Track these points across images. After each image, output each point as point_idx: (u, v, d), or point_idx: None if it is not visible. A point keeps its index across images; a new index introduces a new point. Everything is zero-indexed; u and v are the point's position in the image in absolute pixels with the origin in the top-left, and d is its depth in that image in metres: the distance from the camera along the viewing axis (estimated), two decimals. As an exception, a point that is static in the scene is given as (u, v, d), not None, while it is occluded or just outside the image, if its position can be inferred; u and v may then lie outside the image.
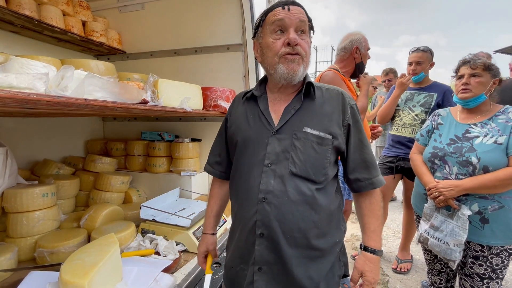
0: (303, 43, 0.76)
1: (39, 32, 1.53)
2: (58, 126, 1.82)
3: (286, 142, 0.77)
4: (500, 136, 1.15)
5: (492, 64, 1.22)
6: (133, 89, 0.95)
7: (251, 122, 0.83)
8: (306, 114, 0.78)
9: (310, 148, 0.76)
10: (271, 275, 0.76)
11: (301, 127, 0.77)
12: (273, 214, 0.75)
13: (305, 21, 0.77)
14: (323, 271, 0.78)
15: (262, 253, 0.76)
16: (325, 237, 0.78)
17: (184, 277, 1.06)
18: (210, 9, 1.82)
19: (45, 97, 0.60)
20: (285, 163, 0.75)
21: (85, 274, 0.76)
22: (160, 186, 1.80)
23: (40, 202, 1.21)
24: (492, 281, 1.19)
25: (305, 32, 0.77)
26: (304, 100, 0.80)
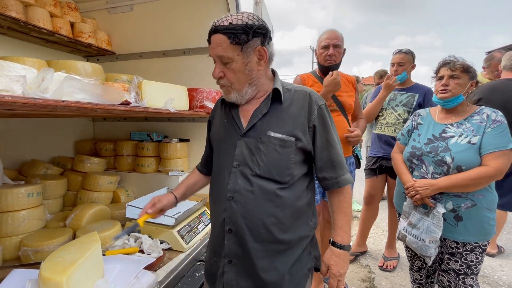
0: (227, 72, 0.80)
1: (26, 34, 1.54)
2: (47, 127, 1.83)
3: (252, 145, 0.82)
4: (474, 136, 1.19)
5: (471, 66, 1.26)
6: (114, 90, 0.97)
7: (225, 125, 0.89)
8: (271, 118, 0.82)
9: (273, 150, 0.80)
10: (240, 267, 0.82)
11: (266, 131, 0.81)
12: (239, 211, 0.81)
13: (224, 52, 0.77)
14: (289, 263, 0.83)
15: (230, 247, 0.82)
16: (290, 232, 0.82)
17: (166, 274, 1.08)
18: (198, 11, 1.84)
19: (21, 99, 0.62)
20: (251, 165, 0.81)
21: (64, 271, 0.78)
22: (148, 186, 1.82)
23: (25, 201, 1.22)
24: (468, 276, 1.23)
25: (228, 59, 0.77)
26: (271, 105, 0.84)
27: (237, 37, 0.75)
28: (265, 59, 0.81)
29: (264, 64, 0.82)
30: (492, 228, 1.20)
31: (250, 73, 0.80)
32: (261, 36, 0.78)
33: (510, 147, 1.14)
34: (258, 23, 0.78)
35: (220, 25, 0.77)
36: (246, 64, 0.79)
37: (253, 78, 0.82)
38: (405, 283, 2.00)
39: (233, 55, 0.77)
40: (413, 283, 1.56)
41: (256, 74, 0.82)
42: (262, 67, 0.82)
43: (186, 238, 1.30)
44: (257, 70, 0.81)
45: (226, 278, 0.82)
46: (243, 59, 0.78)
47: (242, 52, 0.77)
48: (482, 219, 1.18)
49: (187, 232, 1.34)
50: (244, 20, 0.77)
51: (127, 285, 0.94)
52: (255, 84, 0.83)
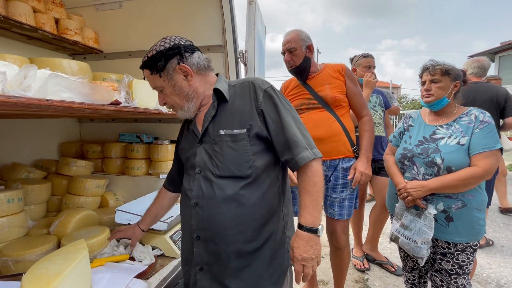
0: (165, 97, 0.88)
1: (6, 29, 1.46)
2: (29, 128, 1.74)
3: (209, 149, 0.85)
4: (463, 137, 1.21)
5: (451, 68, 1.28)
6: (103, 89, 0.92)
7: (187, 138, 0.95)
8: (221, 118, 0.86)
9: (227, 148, 0.83)
10: (213, 274, 0.83)
11: (217, 131, 0.85)
12: (205, 217, 0.83)
13: (153, 84, 0.87)
14: (265, 260, 0.83)
15: (200, 255, 0.84)
16: (264, 227, 0.83)
17: (159, 283, 1.03)
18: (190, 10, 1.80)
19: (0, 98, 0.56)
20: (211, 168, 0.84)
21: (48, 284, 0.72)
22: (138, 189, 1.75)
23: (5, 208, 1.14)
24: (459, 276, 1.24)
25: (158, 88, 0.87)
26: (218, 105, 0.87)
27: (154, 67, 0.83)
28: (190, 73, 0.84)
29: (193, 77, 0.85)
30: (482, 228, 1.22)
31: (182, 91, 0.85)
32: (176, 55, 0.83)
33: (498, 147, 1.17)
34: (169, 45, 0.83)
35: (143, 60, 0.86)
36: (173, 86, 0.84)
37: (188, 94, 0.86)
38: (398, 283, 2.02)
39: (159, 83, 0.85)
40: (406, 283, 1.57)
41: (188, 89, 0.86)
42: (192, 81, 0.86)
43: (179, 243, 1.25)
44: (188, 85, 0.86)
45: (199, 285, 0.84)
46: (169, 83, 0.84)
47: (164, 77, 0.84)
48: (472, 220, 1.20)
49: (180, 237, 1.29)
50: (157, 48, 0.84)
51: (117, 295, 0.89)
52: (193, 97, 0.87)
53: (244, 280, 0.82)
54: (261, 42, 2.13)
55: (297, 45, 1.52)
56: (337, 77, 1.57)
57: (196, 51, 0.88)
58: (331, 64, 1.64)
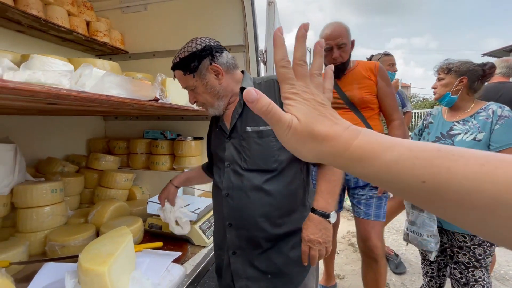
0: (197, 97, 0.93)
1: (44, 32, 1.55)
2: (60, 125, 1.84)
3: (237, 144, 0.91)
4: (479, 133, 1.23)
5: (455, 65, 1.32)
6: (147, 86, 0.99)
7: (216, 133, 1.02)
8: (247, 115, 0.91)
9: (253, 144, 0.88)
10: (244, 257, 0.90)
11: (244, 128, 0.90)
12: (235, 206, 0.90)
13: (184, 83, 0.92)
14: (291, 244, 0.89)
15: (233, 240, 0.91)
16: (291, 215, 0.89)
17: (193, 268, 1.10)
18: (212, 11, 1.87)
19: (73, 93, 0.64)
20: (240, 162, 0.90)
21: (104, 262, 0.80)
22: (163, 183, 1.81)
23: (49, 197, 1.23)
24: (477, 269, 1.28)
25: (190, 87, 0.91)
26: (245, 103, 0.91)
27: (187, 67, 0.88)
28: (221, 72, 0.89)
29: (223, 76, 0.90)
30: None
31: (213, 89, 0.90)
32: (208, 56, 0.88)
33: None
34: (201, 46, 0.89)
35: (174, 62, 0.92)
36: (206, 85, 0.90)
37: (219, 92, 0.91)
38: (414, 278, 2.04)
39: (192, 82, 0.90)
40: (424, 276, 1.60)
41: (219, 88, 0.91)
42: (223, 80, 0.91)
43: (207, 233, 1.32)
44: (219, 84, 0.91)
45: (233, 268, 0.91)
46: (202, 82, 0.89)
47: (197, 77, 0.89)
48: None
49: (208, 227, 1.36)
50: (189, 50, 0.89)
51: (160, 277, 0.96)
52: (223, 95, 0.92)
53: (273, 262, 0.89)
54: (278, 42, 2.18)
55: (347, 40, 1.43)
56: (368, 77, 1.48)
57: (224, 51, 0.93)
58: (364, 62, 1.55)
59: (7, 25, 1.44)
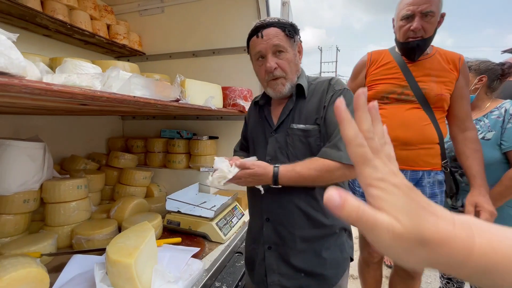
0: (282, 62, 0.86)
1: (69, 36, 1.63)
2: (81, 125, 1.92)
3: (281, 140, 0.90)
4: (489, 132, 1.23)
5: (474, 64, 1.30)
6: (169, 87, 1.03)
7: (259, 124, 1.00)
8: (296, 112, 0.90)
9: (298, 141, 0.86)
10: (279, 253, 0.89)
11: (290, 124, 0.89)
12: (274, 202, 0.89)
13: (280, 41, 0.85)
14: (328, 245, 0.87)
15: (269, 235, 0.91)
16: (328, 216, 0.87)
17: (211, 263, 1.13)
18: (227, 12, 1.90)
19: (105, 94, 0.68)
20: (282, 158, 0.89)
21: (130, 255, 0.84)
22: (179, 181, 1.88)
23: (75, 193, 1.30)
24: None
25: (284, 49, 0.85)
26: (296, 100, 0.91)
27: (289, 30, 0.86)
28: (301, 54, 0.91)
29: (300, 59, 0.92)
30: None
31: (298, 64, 0.90)
32: (298, 34, 0.90)
33: None
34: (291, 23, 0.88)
35: (271, 21, 0.87)
36: (295, 56, 0.89)
37: (299, 70, 0.92)
38: (430, 281, 2.01)
39: (287, 45, 0.86)
40: (441, 278, 1.58)
41: (299, 66, 0.92)
42: (300, 61, 0.92)
43: (224, 230, 1.35)
44: (299, 63, 0.91)
45: (267, 262, 0.91)
46: (293, 51, 0.88)
47: (292, 45, 0.88)
48: (504, 216, 1.20)
49: (224, 224, 1.39)
50: (288, 21, 0.88)
51: (180, 271, 1.00)
52: (296, 76, 0.91)
53: (307, 261, 0.87)
54: (292, 42, 2.20)
55: (436, 9, 1.10)
56: (450, 70, 1.19)
57: None
58: (444, 50, 1.23)
59: (36, 30, 1.52)
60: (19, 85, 0.47)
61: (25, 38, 1.52)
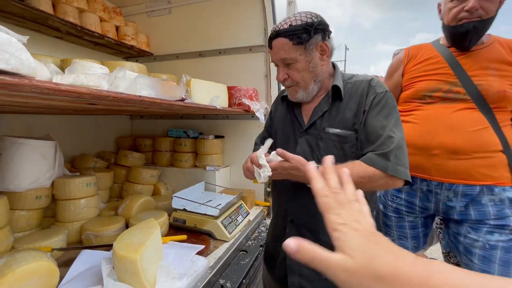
0: (292, 73, 0.84)
1: (79, 37, 1.67)
2: (91, 124, 1.97)
3: (312, 142, 0.85)
4: None
5: None
6: (174, 87, 1.05)
7: (287, 122, 0.94)
8: (331, 115, 0.85)
9: (332, 147, 0.82)
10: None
11: (325, 127, 0.84)
12: (301, 204, 0.86)
13: (287, 54, 0.81)
14: None
15: (292, 236, 0.86)
16: None
17: (215, 261, 1.14)
18: (233, 12, 1.91)
19: (112, 93, 0.70)
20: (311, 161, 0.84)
21: (136, 250, 0.86)
22: (186, 180, 1.91)
23: (84, 190, 1.33)
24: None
25: (291, 60, 0.82)
26: (332, 102, 0.85)
27: (299, 37, 0.79)
28: (327, 53, 0.84)
29: (327, 58, 0.85)
30: None
31: (315, 69, 0.84)
32: (321, 31, 0.81)
33: None
34: (317, 19, 0.81)
35: (281, 29, 0.81)
36: (309, 62, 0.83)
37: (318, 74, 0.86)
38: None
39: (295, 55, 0.82)
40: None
41: (320, 69, 0.85)
42: (326, 62, 0.86)
43: (228, 228, 1.37)
44: (321, 65, 0.85)
45: (288, 263, 0.88)
46: (306, 57, 0.82)
47: (305, 51, 0.81)
48: None
49: (229, 223, 1.40)
50: (303, 19, 0.80)
51: (185, 267, 1.01)
52: (319, 80, 0.87)
53: None
54: (298, 41, 2.19)
55: None
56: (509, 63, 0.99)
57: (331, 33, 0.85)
58: (507, 39, 1.03)
59: (48, 32, 1.57)
60: (29, 85, 0.49)
61: (37, 40, 1.57)
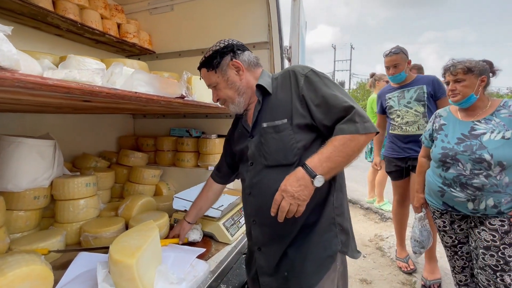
0: (219, 93, 0.96)
1: (80, 35, 1.65)
2: (93, 123, 1.94)
3: (257, 142, 0.92)
4: (507, 130, 1.20)
5: (473, 65, 1.27)
6: (173, 84, 1.01)
7: (240, 134, 1.04)
8: (266, 111, 0.91)
9: (271, 139, 0.88)
10: (267, 253, 0.92)
11: (262, 124, 0.90)
12: (257, 204, 0.92)
13: (208, 81, 0.96)
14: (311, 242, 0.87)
15: (257, 236, 0.94)
16: (312, 212, 0.87)
17: (217, 265, 1.10)
18: (237, 9, 1.87)
19: (105, 89, 0.66)
20: (260, 159, 0.90)
21: (132, 255, 0.82)
22: (188, 179, 1.87)
23: (84, 191, 1.30)
24: (505, 273, 1.18)
25: (214, 84, 0.95)
26: (264, 100, 0.93)
27: (210, 64, 0.93)
28: (242, 68, 0.93)
29: (244, 72, 0.94)
30: None
31: (234, 85, 0.94)
32: (229, 53, 0.93)
33: None
34: (224, 44, 0.94)
35: (201, 62, 0.97)
36: (227, 81, 0.93)
37: (239, 88, 0.94)
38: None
39: (214, 79, 0.94)
40: (457, 286, 1.49)
41: (239, 83, 0.94)
42: (243, 76, 0.94)
43: (231, 230, 1.32)
44: (240, 80, 0.94)
45: (257, 263, 0.95)
46: (223, 78, 0.93)
47: (219, 73, 0.93)
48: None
49: (231, 225, 1.36)
50: (213, 48, 0.94)
51: (184, 272, 0.97)
52: (244, 92, 0.95)
53: (292, 259, 0.88)
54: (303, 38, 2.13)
55: None
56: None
57: (246, 50, 0.98)
58: None
59: (48, 30, 1.55)
60: (11, 78, 0.46)
61: (37, 37, 1.55)
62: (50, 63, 0.82)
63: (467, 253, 1.40)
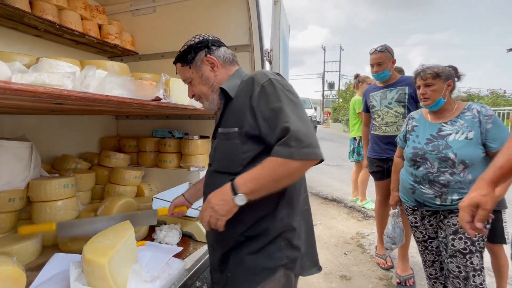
0: (193, 89, 0.95)
1: (59, 36, 1.64)
2: (75, 124, 1.93)
3: (215, 144, 0.92)
4: (470, 131, 1.30)
5: (441, 70, 1.37)
6: (148, 86, 1.03)
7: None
8: (225, 116, 0.89)
9: (222, 145, 0.87)
10: (217, 252, 0.92)
11: (217, 128, 0.90)
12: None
13: (183, 76, 0.96)
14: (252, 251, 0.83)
15: (210, 236, 0.95)
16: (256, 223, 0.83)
17: (193, 263, 1.13)
18: (218, 13, 1.90)
19: (74, 93, 0.68)
20: (213, 163, 0.91)
21: (105, 254, 0.84)
22: (170, 181, 1.89)
23: (61, 192, 1.30)
24: (473, 255, 1.26)
25: (188, 79, 0.94)
26: (225, 103, 0.90)
27: (185, 59, 0.92)
28: (216, 64, 0.91)
29: (218, 68, 0.92)
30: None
31: (208, 81, 0.92)
32: (204, 48, 0.91)
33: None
34: (199, 39, 0.94)
35: (176, 56, 0.96)
36: (201, 76, 0.92)
37: (213, 85, 0.92)
38: (424, 283, 1.98)
39: (189, 74, 0.93)
40: (428, 279, 1.57)
41: (214, 80, 0.92)
42: (218, 72, 0.92)
43: (209, 230, 1.35)
44: (214, 76, 0.92)
45: (211, 261, 0.96)
46: (197, 73, 0.92)
47: (193, 68, 0.92)
48: None
49: (210, 224, 1.39)
50: (188, 43, 0.94)
51: (159, 270, 0.99)
52: (217, 89, 0.92)
53: (232, 263, 0.86)
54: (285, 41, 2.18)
55: None
56: None
57: (222, 46, 0.96)
58: None
59: (26, 30, 1.53)
60: (-28, 83, 0.47)
61: (15, 38, 1.53)
62: (22, 66, 0.83)
63: (436, 247, 1.48)
